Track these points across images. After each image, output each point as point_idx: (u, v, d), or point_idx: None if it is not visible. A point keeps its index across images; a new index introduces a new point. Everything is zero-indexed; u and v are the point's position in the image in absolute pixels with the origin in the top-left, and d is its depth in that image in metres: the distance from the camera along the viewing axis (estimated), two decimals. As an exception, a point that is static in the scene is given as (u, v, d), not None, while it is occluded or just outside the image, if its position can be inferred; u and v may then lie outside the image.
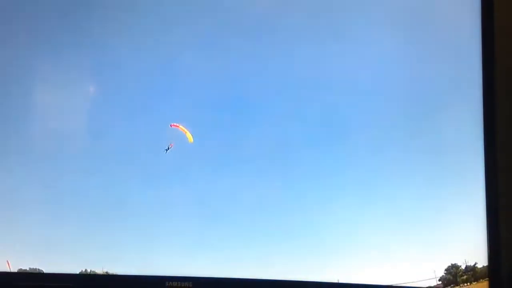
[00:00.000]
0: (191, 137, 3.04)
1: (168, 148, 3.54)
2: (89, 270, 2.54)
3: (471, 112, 1.44)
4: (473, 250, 1.42)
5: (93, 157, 2.19)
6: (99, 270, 2.56)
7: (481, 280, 1.83)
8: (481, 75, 1.39)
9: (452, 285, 2.00)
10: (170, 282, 1.77)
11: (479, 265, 1.64)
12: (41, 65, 1.99)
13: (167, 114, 2.08)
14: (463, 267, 1.83)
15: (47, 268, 2.37)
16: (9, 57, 2.11)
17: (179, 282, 1.84)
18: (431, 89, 1.62)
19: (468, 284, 1.90)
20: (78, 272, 2.40)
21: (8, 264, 2.58)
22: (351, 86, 1.75)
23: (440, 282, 2.03)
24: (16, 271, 2.39)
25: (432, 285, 1.87)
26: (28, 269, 2.55)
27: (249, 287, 1.74)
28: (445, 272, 2.02)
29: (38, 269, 2.58)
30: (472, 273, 1.77)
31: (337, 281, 1.89)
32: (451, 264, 1.90)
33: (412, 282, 1.78)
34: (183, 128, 2.92)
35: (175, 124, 3.01)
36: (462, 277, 1.92)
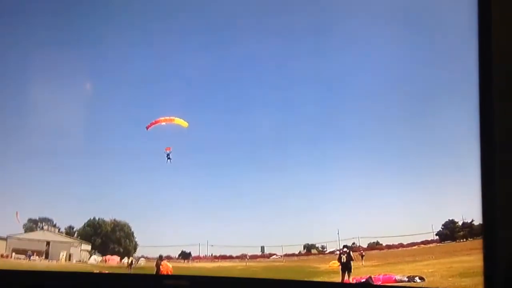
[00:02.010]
0: (183, 121, 3.07)
1: (169, 156, 3.65)
2: (97, 218, 2.70)
3: (469, 101, 1.49)
4: (471, 207, 1.50)
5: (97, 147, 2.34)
6: (106, 218, 2.71)
7: (477, 237, 1.93)
8: (477, 71, 1.42)
9: (448, 241, 2.12)
10: (168, 281, 1.87)
11: (476, 222, 1.72)
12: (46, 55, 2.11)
13: (172, 106, 2.22)
14: (460, 223, 1.94)
15: (56, 218, 2.54)
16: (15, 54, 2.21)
17: (176, 281, 1.94)
18: (431, 75, 1.67)
19: (464, 240, 2.01)
20: (86, 220, 2.57)
21: (17, 215, 2.79)
22: (352, 79, 1.82)
23: (437, 237, 2.15)
24: (26, 221, 2.57)
25: (431, 239, 1.98)
26: (37, 218, 2.75)
27: (245, 285, 1.84)
28: (442, 227, 2.15)
29: (47, 218, 2.77)
30: (469, 229, 1.87)
31: (337, 232, 2.04)
32: (449, 219, 2.02)
33: (410, 235, 1.90)
34: (167, 118, 2.93)
35: (153, 122, 3.03)
36: (459, 233, 2.04)
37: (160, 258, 16.50)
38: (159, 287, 1.85)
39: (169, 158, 17.83)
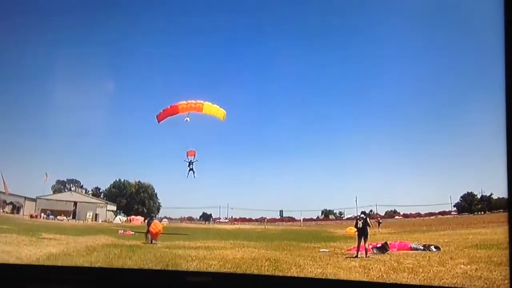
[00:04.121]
0: (218, 108, 3.11)
1: (191, 166, 3.78)
2: (122, 180, 2.90)
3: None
4: (490, 181, 1.66)
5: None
6: (131, 180, 2.95)
7: (495, 210, 2.08)
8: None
9: (466, 213, 2.27)
10: (190, 277, 1.98)
11: (495, 196, 1.88)
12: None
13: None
14: (478, 196, 2.09)
15: (84, 180, 2.83)
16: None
17: (198, 277, 2.05)
18: (456, 65, 1.79)
19: (482, 213, 2.16)
20: (111, 182, 2.82)
21: (46, 176, 3.06)
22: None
23: (455, 208, 2.30)
24: (54, 182, 2.82)
25: (448, 210, 2.15)
26: (65, 180, 3.03)
27: (265, 282, 1.97)
28: (461, 199, 2.30)
29: (75, 180, 3.04)
30: (487, 203, 2.02)
31: (355, 199, 2.23)
32: (467, 192, 2.17)
33: (428, 205, 2.08)
34: (192, 104, 2.98)
35: (168, 110, 3.10)
36: (477, 206, 2.19)
37: (151, 218, 16.92)
38: (181, 283, 1.97)
39: (191, 169, 15.10)
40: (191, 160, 13.76)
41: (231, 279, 2.15)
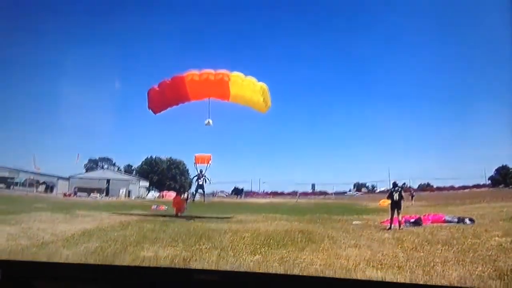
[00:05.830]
0: (252, 83, 3.05)
1: (201, 181, 3.76)
2: (154, 156, 3.05)
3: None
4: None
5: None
6: (162, 157, 3.08)
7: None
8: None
9: (500, 186, 2.30)
10: (198, 275, 2.03)
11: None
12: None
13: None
14: None
15: (117, 159, 2.99)
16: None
17: (206, 275, 2.11)
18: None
19: (516, 186, 2.18)
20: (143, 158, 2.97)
21: (78, 157, 3.28)
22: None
23: (489, 181, 2.33)
24: (86, 162, 2.99)
25: (483, 183, 2.19)
26: (97, 158, 3.23)
27: (274, 281, 2.00)
28: (495, 172, 2.32)
29: (107, 157, 3.22)
30: None
31: (388, 172, 2.29)
32: (502, 165, 2.20)
33: (462, 179, 2.13)
34: (212, 76, 2.91)
35: (168, 85, 3.09)
36: (511, 179, 2.22)
37: (178, 193, 17.46)
38: (189, 281, 2.02)
39: (201, 186, 10.60)
40: (201, 171, 10.82)
41: (238, 278, 2.20)
